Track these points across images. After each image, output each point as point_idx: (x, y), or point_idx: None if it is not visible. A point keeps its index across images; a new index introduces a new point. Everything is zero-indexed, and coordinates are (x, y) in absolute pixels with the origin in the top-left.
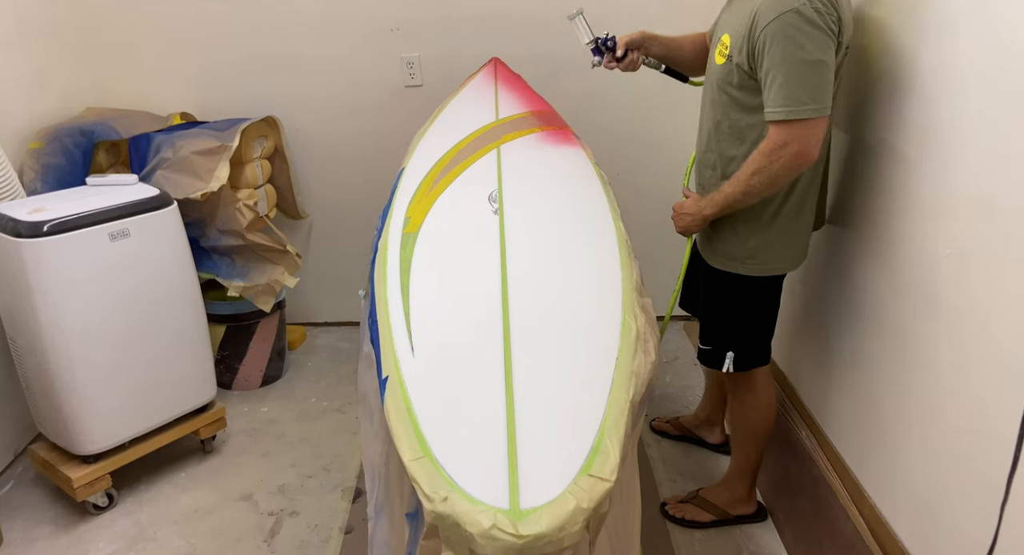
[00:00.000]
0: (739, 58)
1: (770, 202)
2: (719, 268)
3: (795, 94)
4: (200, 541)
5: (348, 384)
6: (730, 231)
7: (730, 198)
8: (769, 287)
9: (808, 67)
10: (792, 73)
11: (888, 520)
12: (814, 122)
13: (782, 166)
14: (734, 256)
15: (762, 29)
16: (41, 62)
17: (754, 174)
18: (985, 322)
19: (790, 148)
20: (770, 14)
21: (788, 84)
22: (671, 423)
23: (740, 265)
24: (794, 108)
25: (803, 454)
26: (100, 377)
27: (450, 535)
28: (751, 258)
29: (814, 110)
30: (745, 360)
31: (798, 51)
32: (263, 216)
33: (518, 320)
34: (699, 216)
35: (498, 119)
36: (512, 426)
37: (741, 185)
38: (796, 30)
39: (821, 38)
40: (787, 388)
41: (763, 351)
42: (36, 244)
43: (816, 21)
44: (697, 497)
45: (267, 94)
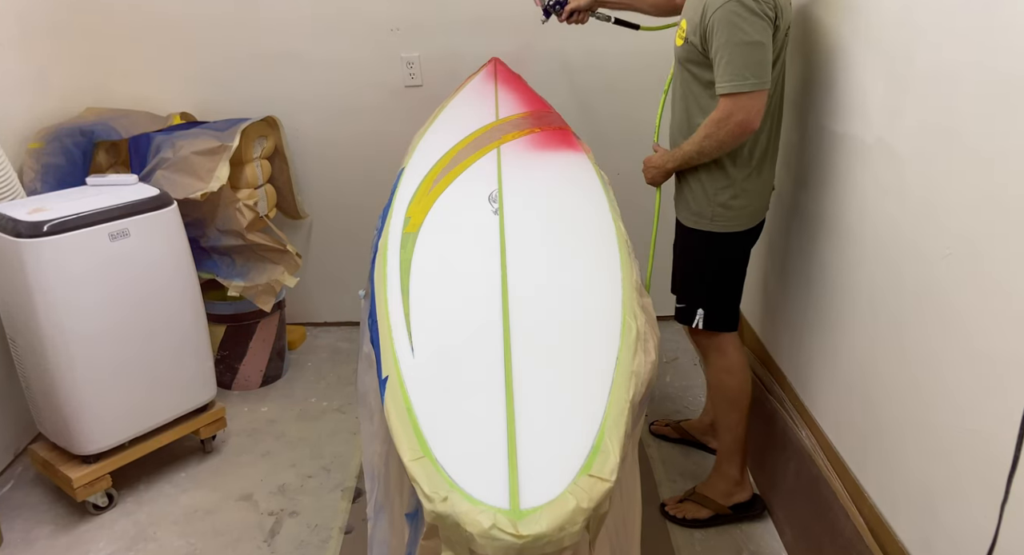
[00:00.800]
0: (694, 39)
1: (735, 163)
2: (691, 227)
3: (738, 71)
4: (200, 541)
5: (348, 384)
6: (701, 191)
7: (688, 155)
8: (736, 242)
9: (748, 48)
10: (735, 53)
11: (888, 520)
12: (755, 95)
13: (728, 133)
14: (704, 214)
15: (710, 16)
16: (41, 62)
17: (705, 138)
18: (985, 322)
19: (735, 117)
20: (716, 3)
21: (732, 63)
22: (671, 426)
23: (709, 222)
24: (738, 83)
25: (803, 454)
26: (100, 377)
27: (450, 535)
28: (719, 215)
29: (754, 84)
30: (714, 319)
31: (739, 34)
32: (263, 216)
33: (518, 320)
34: (663, 169)
35: (498, 119)
36: (512, 426)
37: (695, 146)
38: (737, 16)
39: (758, 23)
40: (787, 388)
41: (731, 313)
42: (36, 244)
43: (753, 8)
44: (694, 494)
45: (267, 94)
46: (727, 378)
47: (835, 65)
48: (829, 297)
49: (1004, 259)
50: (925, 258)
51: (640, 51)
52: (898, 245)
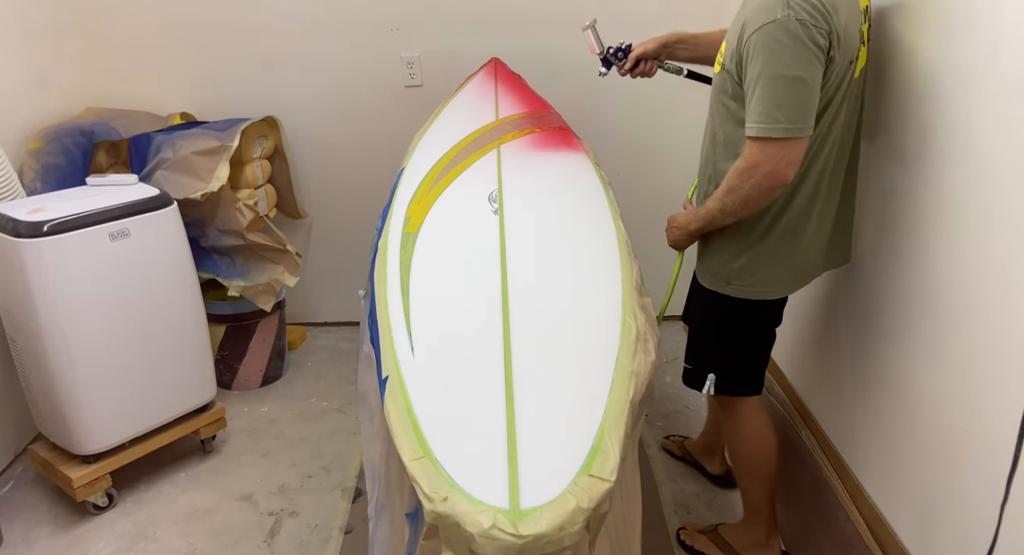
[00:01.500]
0: (730, 66)
1: (760, 220)
2: (706, 286)
3: (769, 111)
4: (200, 541)
5: (348, 384)
6: (719, 248)
7: (711, 214)
8: (757, 311)
9: (785, 83)
10: (768, 88)
11: (888, 520)
12: (788, 142)
13: (753, 186)
14: (720, 275)
15: (747, 38)
16: (41, 62)
17: (728, 192)
18: (985, 322)
19: (761, 168)
20: (754, 24)
21: (763, 100)
22: (677, 444)
23: (726, 285)
24: (766, 126)
25: (803, 454)
26: (100, 377)
27: (450, 535)
28: (737, 278)
29: (787, 130)
30: (727, 385)
31: (777, 65)
32: (263, 216)
33: (518, 320)
34: (685, 231)
35: (498, 119)
36: (512, 426)
37: (718, 203)
38: (777, 43)
39: (803, 53)
40: (787, 388)
41: (749, 379)
42: (36, 244)
43: (799, 34)
44: (714, 532)
45: (267, 94)
46: (742, 447)
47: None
48: (831, 298)
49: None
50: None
51: None
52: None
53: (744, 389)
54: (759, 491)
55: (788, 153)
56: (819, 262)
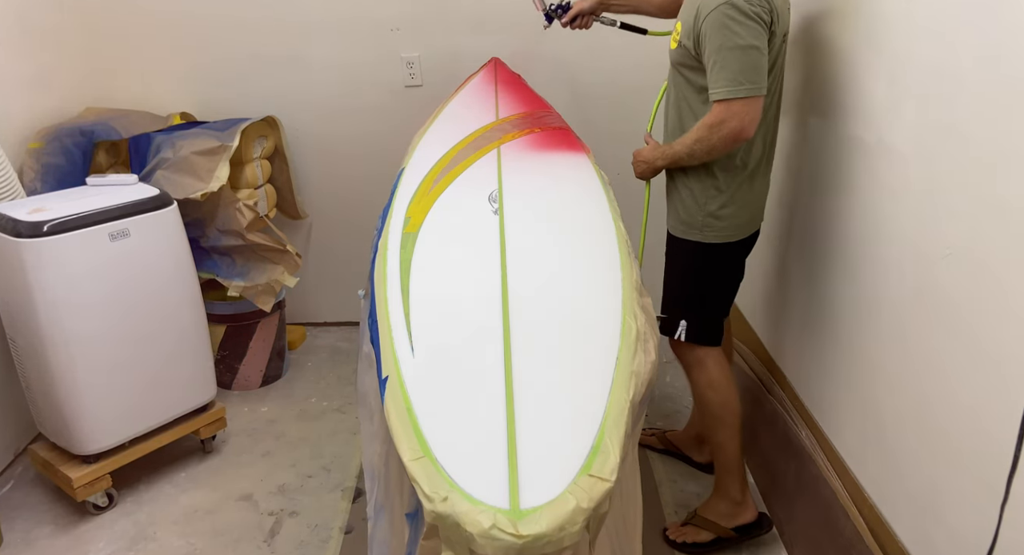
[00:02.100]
0: (687, 43)
1: (726, 170)
2: (680, 236)
3: (732, 77)
4: (200, 541)
5: (348, 384)
6: (691, 199)
7: (678, 155)
8: (725, 255)
9: (742, 52)
10: (729, 58)
11: (888, 520)
12: (750, 100)
13: (720, 139)
14: (693, 224)
15: (703, 19)
16: (41, 62)
17: (696, 141)
18: (985, 322)
19: (729, 124)
20: (709, 6)
21: (726, 68)
22: (657, 436)
23: (698, 232)
24: (732, 88)
25: (803, 454)
26: (100, 377)
27: (450, 535)
28: (708, 226)
29: (748, 89)
30: (697, 332)
31: (733, 38)
32: (263, 216)
33: (518, 320)
34: (652, 165)
35: (498, 119)
36: (512, 426)
37: (686, 148)
38: (730, 19)
39: (753, 26)
40: (787, 388)
41: (715, 327)
42: (36, 244)
43: (747, 11)
44: (696, 517)
45: (267, 94)
46: (710, 394)
47: (837, 67)
48: (830, 297)
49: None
50: (926, 258)
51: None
52: (900, 245)
53: (709, 338)
54: (731, 440)
55: (751, 110)
56: (763, 205)
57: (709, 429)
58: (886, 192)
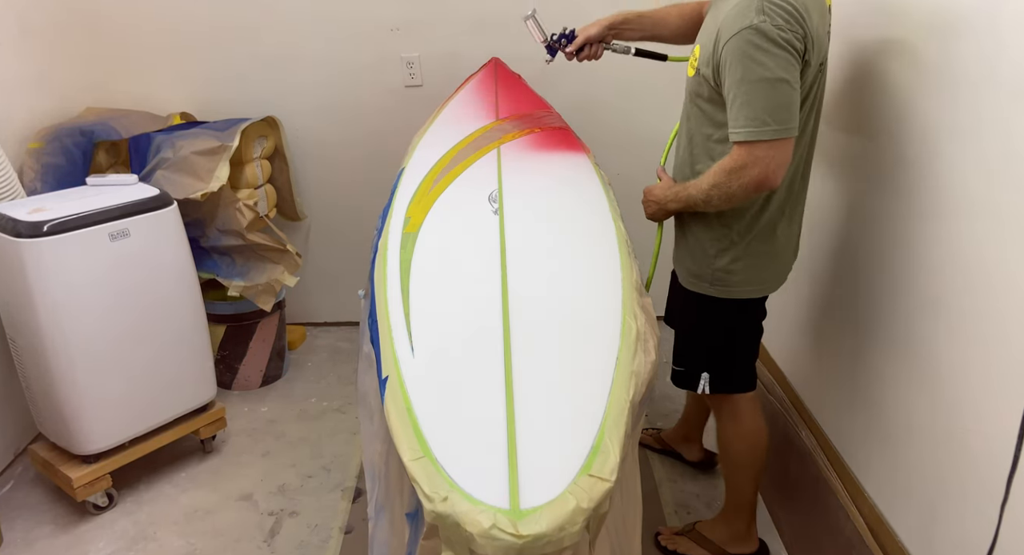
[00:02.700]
0: (706, 71)
1: (740, 219)
2: (688, 288)
3: (756, 115)
4: (200, 541)
5: (348, 384)
6: (699, 249)
7: (692, 200)
8: (743, 309)
9: (768, 86)
10: (752, 93)
11: (888, 520)
12: (777, 144)
13: (740, 187)
14: (703, 277)
15: (723, 45)
16: (41, 62)
17: (713, 187)
18: (985, 322)
19: (750, 171)
20: (731, 30)
21: (749, 104)
22: (654, 436)
23: (709, 286)
24: (754, 129)
25: (803, 454)
26: (100, 377)
27: (450, 535)
28: (719, 280)
29: (775, 131)
30: (722, 383)
31: (758, 69)
32: (263, 216)
33: (518, 320)
34: (664, 207)
35: (498, 119)
36: (512, 426)
37: (702, 193)
38: (755, 48)
39: (782, 56)
40: (787, 388)
41: (743, 375)
42: (36, 244)
43: (776, 38)
44: (693, 531)
45: (267, 94)
46: (737, 443)
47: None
48: (830, 298)
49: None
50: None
51: None
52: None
53: (739, 386)
54: (749, 486)
55: (778, 155)
56: (791, 257)
57: (727, 471)
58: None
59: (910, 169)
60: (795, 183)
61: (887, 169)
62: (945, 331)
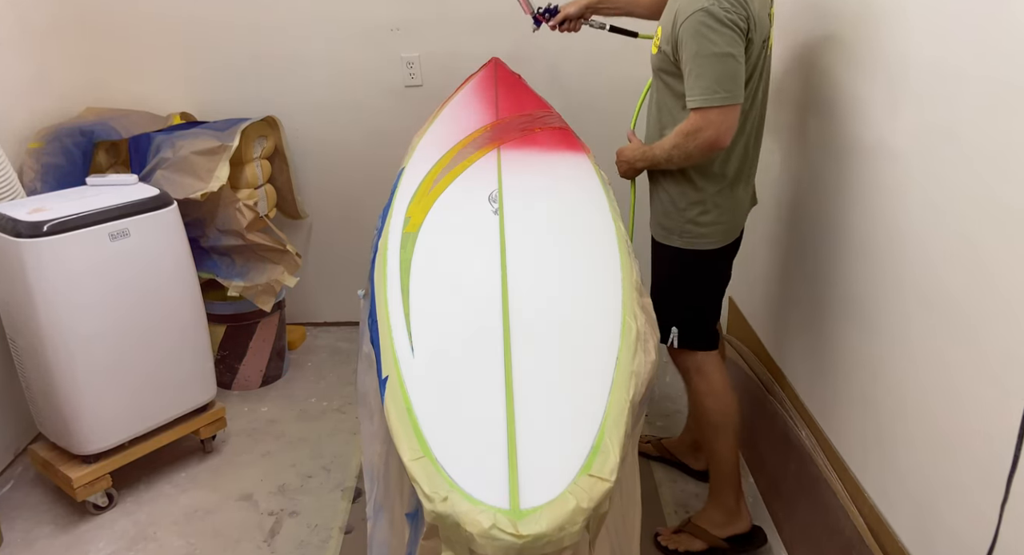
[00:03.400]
0: (666, 48)
1: (704, 177)
2: (661, 241)
3: (708, 85)
4: (200, 541)
5: (348, 384)
6: (671, 204)
7: (656, 158)
8: (709, 259)
9: (717, 60)
10: (704, 66)
11: (888, 520)
12: (726, 109)
13: (696, 147)
14: (673, 230)
15: (680, 25)
16: (41, 62)
17: (673, 147)
18: (985, 321)
19: (705, 133)
20: (686, 12)
21: (702, 76)
22: (652, 443)
23: (679, 238)
24: (707, 97)
25: (803, 454)
26: (100, 377)
27: (450, 535)
28: (687, 232)
29: (724, 98)
30: (689, 337)
31: (708, 45)
32: (263, 216)
33: (518, 320)
34: (633, 165)
35: (498, 119)
36: (512, 426)
37: (664, 153)
38: (705, 26)
39: (728, 34)
40: (787, 388)
41: (708, 331)
42: (36, 244)
43: (723, 18)
44: (689, 524)
45: (267, 94)
46: (709, 401)
47: (833, 69)
48: (829, 298)
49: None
50: (926, 258)
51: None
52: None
53: (704, 342)
54: (729, 448)
55: (727, 119)
56: (745, 213)
57: (705, 436)
58: (886, 193)
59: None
60: (748, 145)
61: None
62: (945, 330)
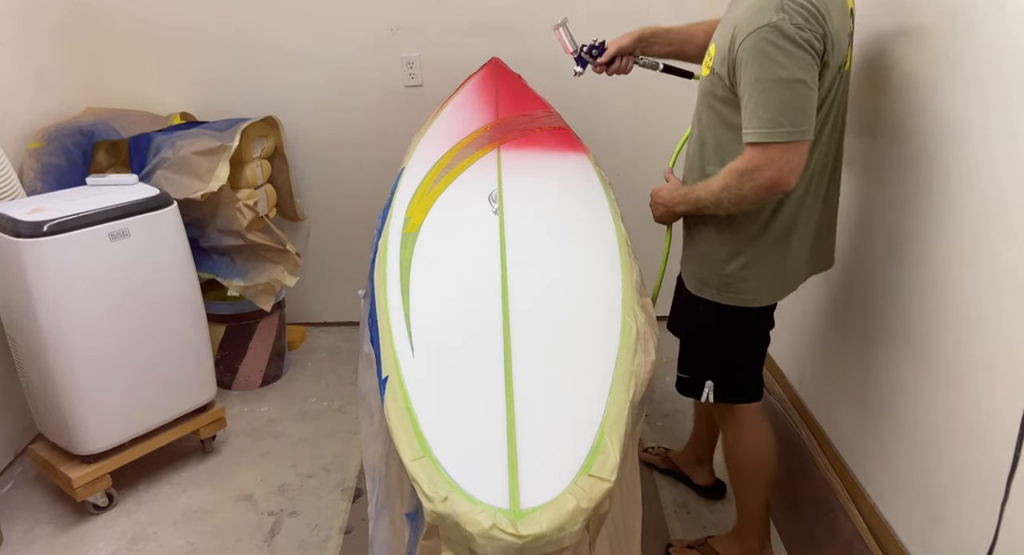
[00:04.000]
0: (720, 70)
1: (752, 224)
2: (693, 292)
3: (771, 116)
4: (200, 541)
5: (348, 384)
6: (707, 254)
7: (701, 202)
8: (750, 317)
9: (784, 86)
10: (768, 93)
11: (888, 520)
12: (791, 146)
13: (752, 189)
14: (710, 282)
15: (740, 43)
16: (41, 62)
17: (724, 189)
18: (985, 322)
19: (763, 173)
20: (747, 28)
21: (764, 105)
22: (660, 455)
23: (716, 292)
24: (768, 130)
25: (803, 454)
26: (100, 377)
27: (450, 535)
28: (727, 286)
29: (790, 133)
30: (727, 391)
31: (775, 68)
32: (263, 216)
33: (518, 320)
34: (671, 210)
35: (498, 119)
36: (512, 426)
37: (711, 195)
38: (772, 46)
39: (800, 56)
40: (787, 388)
41: (749, 385)
42: (36, 244)
43: (794, 37)
44: (705, 546)
45: (267, 94)
46: (744, 458)
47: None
48: (830, 297)
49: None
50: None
51: None
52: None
53: (744, 396)
54: (758, 500)
55: (792, 158)
56: (804, 267)
57: (736, 488)
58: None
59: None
60: (811, 188)
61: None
62: (945, 330)
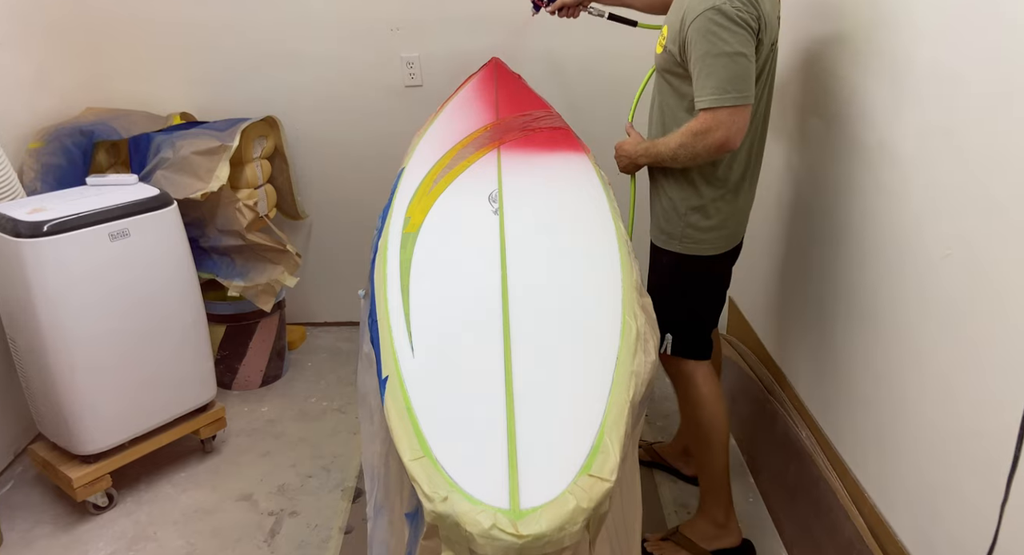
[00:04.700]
0: (672, 48)
1: (708, 183)
2: (660, 246)
3: (719, 84)
4: (200, 541)
5: (348, 384)
6: (672, 208)
7: (661, 156)
8: (706, 267)
9: (729, 59)
10: (715, 65)
11: (888, 520)
12: (737, 110)
13: (704, 147)
14: (674, 234)
15: (689, 25)
16: (41, 62)
17: (680, 146)
18: (985, 322)
19: (715, 134)
20: (695, 11)
21: (713, 75)
22: (644, 448)
23: (679, 243)
24: (718, 96)
25: (803, 454)
26: (100, 377)
27: (450, 535)
28: (688, 237)
29: (735, 98)
30: (683, 345)
31: (720, 44)
32: (263, 216)
33: (518, 320)
34: (634, 161)
35: (498, 119)
36: (512, 426)
37: (670, 150)
38: (717, 25)
39: (740, 33)
40: (787, 388)
41: (702, 341)
42: (36, 244)
43: (735, 17)
44: (677, 534)
45: (267, 94)
46: (698, 412)
47: (837, 69)
48: (830, 298)
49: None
50: (926, 259)
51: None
52: (899, 246)
53: (697, 351)
54: (718, 460)
55: (738, 120)
56: (746, 218)
57: (695, 447)
58: (886, 194)
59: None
60: (752, 149)
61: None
62: (944, 331)
